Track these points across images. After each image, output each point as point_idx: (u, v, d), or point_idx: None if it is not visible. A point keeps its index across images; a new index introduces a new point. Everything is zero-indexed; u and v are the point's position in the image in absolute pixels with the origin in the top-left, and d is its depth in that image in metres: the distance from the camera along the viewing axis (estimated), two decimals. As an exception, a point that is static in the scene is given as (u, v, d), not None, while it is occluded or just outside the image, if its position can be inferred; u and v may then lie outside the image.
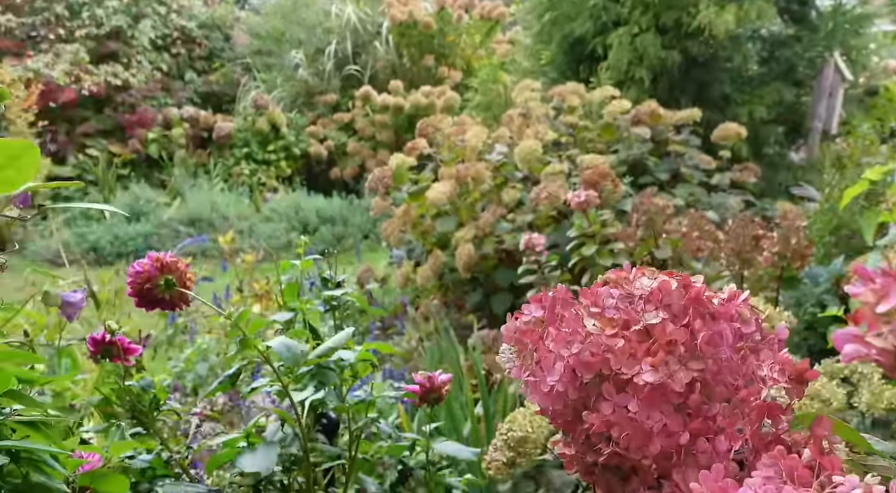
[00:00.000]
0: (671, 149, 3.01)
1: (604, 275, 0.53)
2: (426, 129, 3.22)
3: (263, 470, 0.78)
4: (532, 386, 0.48)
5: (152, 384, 0.94)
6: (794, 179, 3.67)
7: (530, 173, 2.82)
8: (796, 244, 1.73)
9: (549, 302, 0.51)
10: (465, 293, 2.90)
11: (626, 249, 2.01)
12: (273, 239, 5.75)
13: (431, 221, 2.82)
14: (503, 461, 1.06)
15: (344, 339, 0.84)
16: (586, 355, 0.44)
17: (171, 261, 0.76)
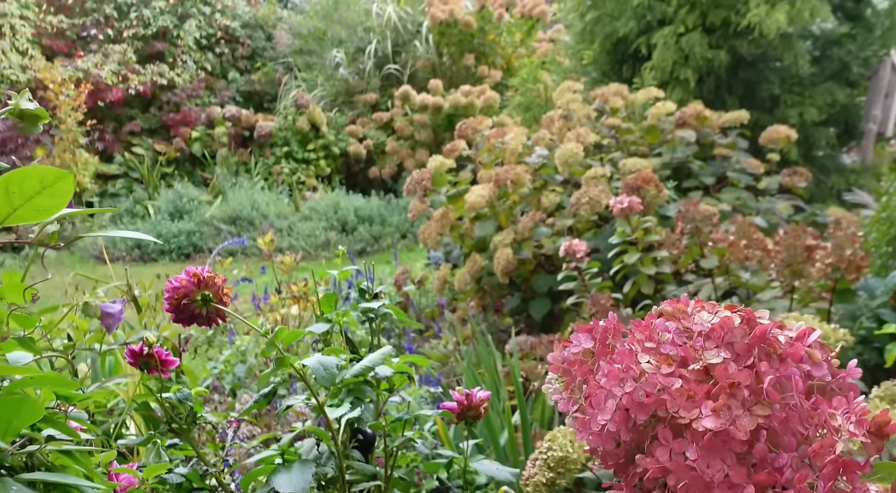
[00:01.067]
0: (717, 152, 2.93)
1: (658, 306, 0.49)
2: (465, 130, 3.19)
3: (299, 491, 0.76)
4: (581, 424, 0.45)
5: (190, 397, 0.93)
6: (846, 183, 3.55)
7: (571, 177, 2.77)
8: (851, 255, 1.65)
9: (601, 333, 0.48)
10: (503, 298, 2.86)
11: (669, 257, 1.96)
12: (312, 238, 5.79)
13: (470, 224, 2.79)
14: (543, 481, 1.03)
15: (381, 358, 0.82)
16: (640, 396, 0.41)
17: (208, 276, 0.75)
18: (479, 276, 2.69)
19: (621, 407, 0.42)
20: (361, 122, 7.25)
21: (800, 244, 1.60)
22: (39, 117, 0.51)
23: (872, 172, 3.65)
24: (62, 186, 0.40)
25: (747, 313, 0.43)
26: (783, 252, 1.62)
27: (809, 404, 0.39)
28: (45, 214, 0.42)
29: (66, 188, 0.41)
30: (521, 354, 2.42)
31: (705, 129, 2.90)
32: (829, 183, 3.60)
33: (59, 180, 0.40)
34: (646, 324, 0.46)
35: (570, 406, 0.49)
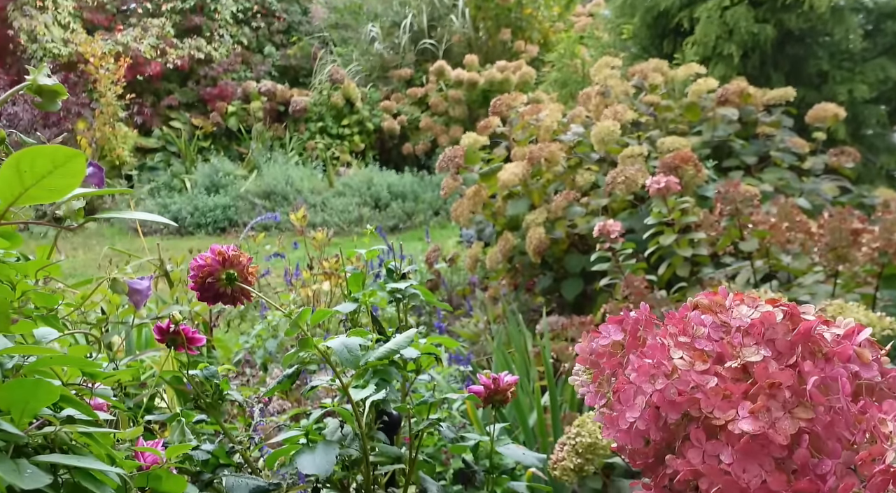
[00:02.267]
0: (760, 130, 2.84)
1: (693, 296, 0.47)
2: (500, 107, 3.14)
3: (322, 473, 0.75)
4: (608, 420, 0.42)
5: (216, 374, 0.93)
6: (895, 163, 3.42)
7: (607, 155, 2.71)
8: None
9: (631, 325, 0.46)
10: (535, 277, 2.83)
11: (707, 239, 1.91)
12: (345, 214, 5.81)
13: (502, 202, 2.76)
14: (571, 466, 1.01)
15: (406, 341, 0.80)
16: (672, 393, 0.39)
17: (233, 255, 0.73)
18: (510, 255, 2.67)
19: (651, 405, 0.40)
20: (396, 97, 7.21)
21: (845, 227, 1.54)
22: (58, 93, 0.50)
23: (923, 152, 3.51)
24: (74, 166, 0.39)
25: (790, 307, 0.40)
26: (827, 235, 1.56)
27: (857, 408, 0.36)
28: (58, 194, 0.41)
29: (79, 168, 0.39)
30: (552, 334, 2.39)
31: (748, 106, 2.82)
32: (878, 163, 3.48)
33: (71, 160, 0.38)
34: (680, 316, 0.44)
35: (598, 400, 0.46)
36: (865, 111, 3.63)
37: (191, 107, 7.94)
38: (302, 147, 7.05)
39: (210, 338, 1.79)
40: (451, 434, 0.87)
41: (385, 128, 6.95)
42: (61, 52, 7.10)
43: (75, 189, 0.41)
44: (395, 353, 0.79)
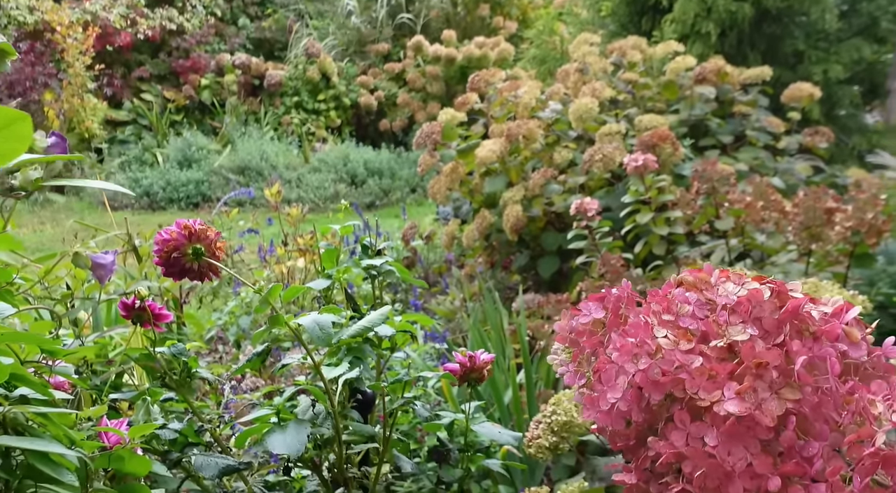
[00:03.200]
0: (736, 109, 2.84)
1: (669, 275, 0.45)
2: (478, 83, 3.11)
3: (293, 452, 0.74)
4: (588, 401, 0.41)
5: (184, 351, 0.90)
6: (868, 144, 3.45)
7: (584, 133, 2.70)
8: (873, 219, 1.60)
9: (613, 302, 0.44)
10: (512, 255, 2.83)
11: (683, 217, 1.91)
12: (321, 190, 5.75)
13: (480, 179, 2.74)
14: (546, 445, 1.00)
15: (380, 318, 0.78)
16: (656, 373, 0.37)
17: (200, 229, 0.71)
18: (487, 232, 2.65)
19: (634, 385, 0.38)
20: (373, 72, 7.12)
21: (819, 207, 1.55)
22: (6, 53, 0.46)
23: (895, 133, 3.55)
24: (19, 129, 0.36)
25: (778, 285, 0.39)
26: (802, 214, 1.56)
27: (846, 389, 0.35)
28: (3, 159, 0.38)
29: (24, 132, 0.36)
30: (528, 312, 2.39)
31: (725, 85, 2.81)
32: (850, 144, 3.51)
33: (16, 122, 0.35)
34: (663, 294, 0.42)
35: (577, 380, 0.45)
36: (839, 92, 3.65)
37: (162, 79, 7.76)
38: (277, 122, 6.95)
39: (180, 315, 1.76)
40: (426, 413, 0.86)
41: (362, 103, 6.87)
42: (27, 19, 6.89)
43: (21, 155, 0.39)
44: (369, 331, 0.78)
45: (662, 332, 0.38)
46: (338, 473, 0.85)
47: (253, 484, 0.93)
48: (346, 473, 0.86)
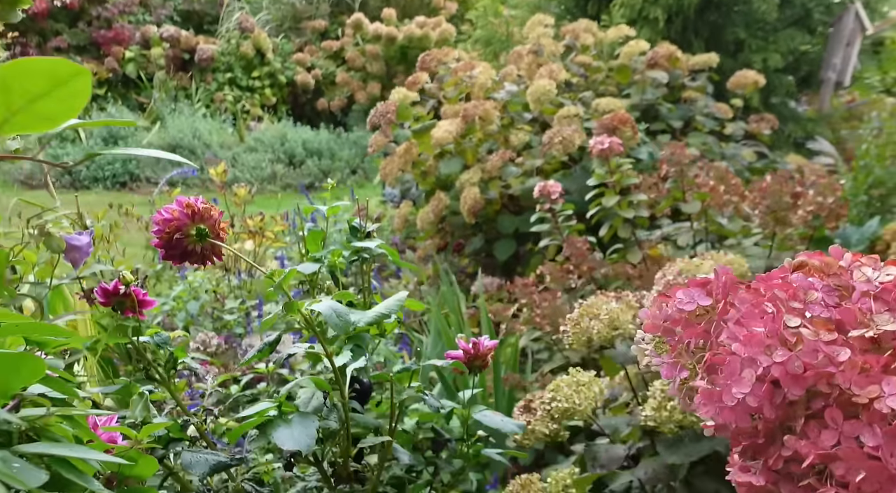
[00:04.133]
0: (686, 95, 2.89)
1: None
2: (429, 62, 3.05)
3: (304, 447, 0.69)
4: (706, 396, 0.38)
5: (168, 340, 0.83)
6: (803, 131, 3.58)
7: (539, 115, 2.69)
8: (832, 203, 1.64)
9: (721, 289, 0.41)
10: (465, 238, 2.80)
11: (646, 201, 1.92)
12: (257, 170, 5.58)
13: (434, 161, 2.69)
14: (546, 432, 0.98)
15: (397, 304, 0.74)
16: (796, 366, 0.34)
17: (203, 208, 0.64)
18: (442, 215, 2.61)
19: (767, 379, 0.36)
20: (309, 50, 6.93)
21: (786, 191, 1.58)
22: None
23: (828, 121, 3.69)
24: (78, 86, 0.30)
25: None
26: (769, 198, 1.59)
27: None
28: (51, 123, 0.32)
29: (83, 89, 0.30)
30: (487, 295, 2.37)
31: (676, 71, 2.85)
32: (786, 131, 3.63)
33: (75, 78, 0.29)
34: (783, 281, 0.39)
35: (678, 373, 0.42)
36: (776, 80, 3.77)
37: (82, 50, 7.34)
38: (209, 99, 6.68)
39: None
40: (436, 404, 0.82)
41: (298, 82, 6.68)
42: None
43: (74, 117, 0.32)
44: (387, 317, 0.73)
45: (795, 321, 0.36)
46: (341, 467, 0.80)
47: (241, 481, 0.88)
48: (349, 467, 0.82)
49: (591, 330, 1.04)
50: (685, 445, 0.97)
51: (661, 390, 0.94)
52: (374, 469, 0.87)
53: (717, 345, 0.40)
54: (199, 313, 2.25)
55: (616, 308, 1.04)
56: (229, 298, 2.35)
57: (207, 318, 2.24)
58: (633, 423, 1.05)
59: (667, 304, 0.44)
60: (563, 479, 1.09)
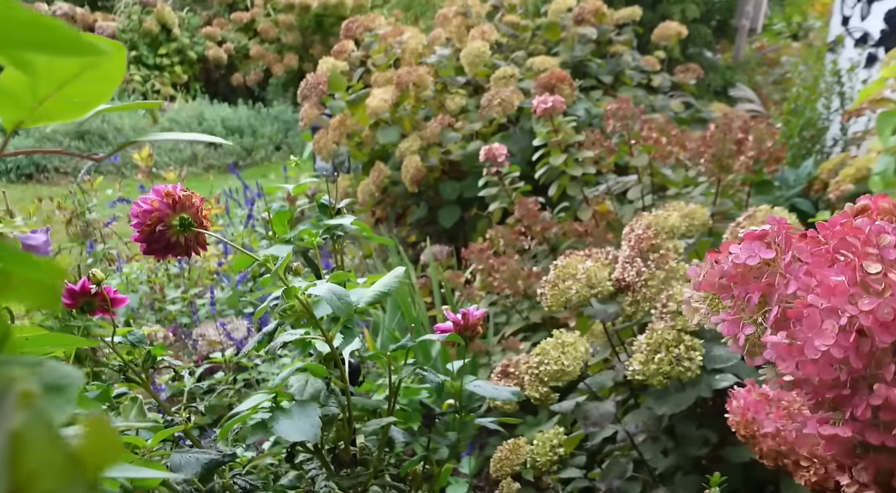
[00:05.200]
0: (613, 50, 2.90)
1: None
2: (355, 30, 2.96)
3: (311, 437, 0.65)
4: (785, 351, 0.37)
5: (143, 338, 0.78)
6: (722, 80, 3.68)
7: (473, 78, 2.66)
8: (771, 147, 1.69)
9: (784, 239, 0.40)
10: (408, 208, 2.76)
11: (591, 157, 1.93)
12: (176, 152, 5.34)
13: (370, 131, 2.63)
14: (536, 396, 0.98)
15: (395, 282, 0.71)
16: (886, 313, 0.34)
17: (184, 196, 0.59)
18: (384, 185, 2.57)
19: (853, 328, 0.35)
20: (219, 22, 6.63)
21: (730, 138, 1.61)
22: None
23: (744, 68, 3.80)
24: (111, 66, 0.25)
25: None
26: (714, 147, 1.62)
27: None
28: (83, 109, 0.27)
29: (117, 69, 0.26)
30: (436, 263, 2.35)
31: (603, 26, 2.86)
32: (706, 80, 3.72)
33: (108, 56, 0.25)
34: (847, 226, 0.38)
35: (741, 329, 0.41)
36: (694, 31, 3.85)
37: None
38: (115, 80, 6.32)
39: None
40: (437, 379, 0.80)
41: (210, 57, 6.40)
42: None
43: (105, 101, 0.28)
44: (388, 295, 0.70)
45: (876, 266, 0.35)
46: (343, 451, 0.78)
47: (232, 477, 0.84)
48: (350, 451, 0.79)
49: (570, 290, 1.03)
50: (672, 395, 0.98)
51: (646, 344, 0.95)
52: (372, 451, 0.85)
53: (785, 298, 0.39)
54: (139, 305, 2.14)
55: (592, 267, 1.04)
56: (169, 287, 2.25)
57: (148, 310, 2.14)
58: (617, 378, 1.06)
59: (718, 261, 0.43)
60: (550, 440, 1.09)
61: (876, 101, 1.59)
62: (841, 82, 2.13)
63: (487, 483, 1.67)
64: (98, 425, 0.12)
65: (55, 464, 0.10)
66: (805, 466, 0.68)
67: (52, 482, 0.10)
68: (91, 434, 0.12)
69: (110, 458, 0.12)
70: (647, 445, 1.09)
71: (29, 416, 0.10)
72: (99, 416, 0.12)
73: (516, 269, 1.71)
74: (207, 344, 1.82)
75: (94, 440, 0.12)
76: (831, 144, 2.03)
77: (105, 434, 0.12)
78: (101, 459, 0.12)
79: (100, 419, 0.12)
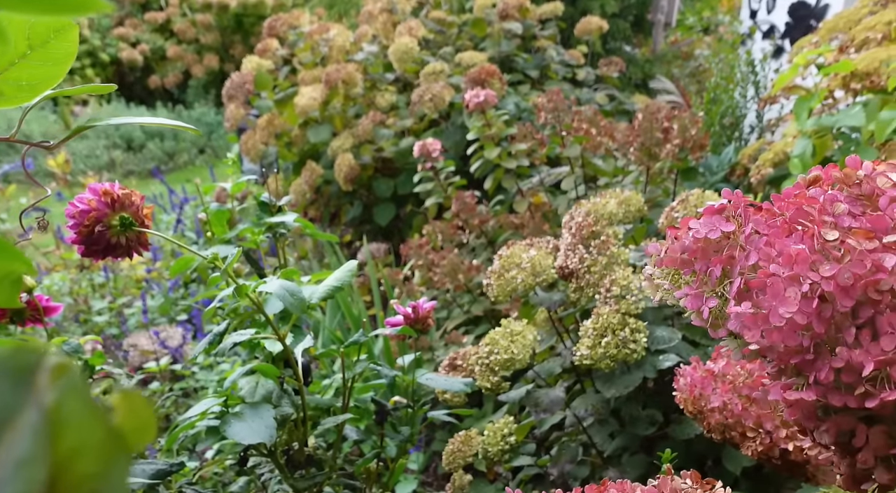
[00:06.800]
0: (538, 44, 2.95)
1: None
2: (279, 27, 2.90)
3: (267, 439, 0.64)
4: (751, 321, 0.38)
5: (80, 348, 0.74)
6: (642, 73, 3.78)
7: (402, 74, 2.65)
8: (695, 135, 1.75)
9: (743, 212, 0.41)
10: (342, 207, 2.73)
11: (524, 150, 1.95)
12: (93, 159, 5.12)
13: (300, 130, 2.59)
14: (488, 386, 0.98)
15: (348, 276, 0.69)
16: (846, 278, 0.35)
17: (123, 194, 0.56)
18: (317, 185, 2.53)
19: (815, 295, 0.36)
20: (132, 23, 6.39)
21: (657, 127, 1.66)
22: None
23: (661, 61, 3.92)
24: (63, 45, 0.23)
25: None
26: (641, 135, 1.66)
27: None
28: (31, 93, 0.24)
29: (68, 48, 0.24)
30: (375, 262, 2.33)
31: (527, 21, 2.90)
32: (627, 74, 3.82)
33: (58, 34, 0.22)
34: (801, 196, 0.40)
35: (705, 303, 0.42)
36: (613, 25, 3.95)
37: None
38: (22, 85, 6.01)
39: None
40: (391, 373, 0.79)
41: (124, 59, 6.16)
42: None
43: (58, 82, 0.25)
44: (339, 290, 0.68)
45: (834, 233, 0.36)
46: (297, 452, 0.76)
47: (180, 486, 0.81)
48: (304, 452, 0.77)
49: (515, 280, 1.04)
50: (619, 377, 1.00)
51: (592, 329, 0.97)
52: (326, 450, 0.83)
53: (747, 269, 0.40)
54: (63, 318, 2.04)
55: (536, 256, 1.05)
56: (94, 298, 2.16)
57: (73, 323, 2.04)
58: (565, 364, 1.07)
59: (678, 237, 0.43)
60: (501, 429, 1.10)
61: (789, 88, 1.67)
62: (755, 72, 2.23)
63: (436, 478, 1.67)
64: (133, 400, 0.11)
65: (96, 441, 0.09)
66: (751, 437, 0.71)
67: (94, 462, 0.09)
68: (127, 410, 0.11)
69: (147, 435, 0.11)
70: (595, 428, 1.11)
71: (64, 389, 0.09)
72: (133, 391, 0.11)
73: (456, 263, 1.71)
74: (140, 354, 1.75)
75: (131, 416, 0.11)
76: (749, 132, 2.12)
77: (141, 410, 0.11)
78: (139, 436, 0.11)
79: (134, 393, 0.11)
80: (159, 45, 6.24)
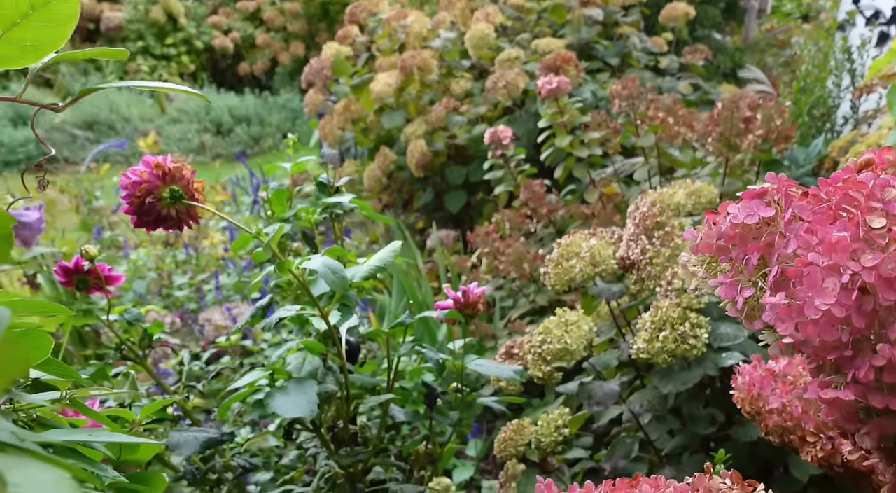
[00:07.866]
0: (620, 31, 2.87)
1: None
2: (359, 14, 2.94)
3: (307, 413, 0.65)
4: (785, 312, 0.36)
5: (141, 317, 0.77)
6: (731, 62, 3.63)
7: (478, 61, 2.63)
8: (780, 125, 1.66)
9: (784, 196, 0.39)
10: (415, 193, 2.75)
11: (598, 139, 1.90)
12: (184, 142, 5.35)
13: (375, 116, 2.61)
14: (539, 375, 0.96)
15: (392, 256, 0.70)
16: (890, 269, 0.32)
17: (174, 167, 0.58)
18: (389, 171, 2.55)
19: (855, 286, 0.33)
20: (224, 12, 6.62)
21: (738, 117, 1.59)
22: None
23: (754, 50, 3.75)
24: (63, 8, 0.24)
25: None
26: (721, 125, 1.59)
27: None
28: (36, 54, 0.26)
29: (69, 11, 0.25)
30: (443, 248, 2.34)
31: (609, 7, 2.83)
32: (715, 62, 3.67)
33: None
34: (845, 181, 0.37)
35: (739, 292, 0.39)
36: (702, 12, 3.80)
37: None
38: (123, 70, 6.33)
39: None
40: (436, 356, 0.79)
41: (217, 46, 6.39)
42: None
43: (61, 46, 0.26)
44: (382, 270, 0.69)
45: (881, 221, 0.33)
46: (342, 430, 0.77)
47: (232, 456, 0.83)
48: (350, 429, 0.78)
49: (574, 269, 1.02)
50: (677, 373, 0.97)
51: (650, 322, 0.94)
52: (371, 430, 0.84)
53: (785, 258, 0.37)
54: (147, 292, 2.14)
55: (596, 245, 1.03)
56: (176, 274, 2.26)
57: (156, 297, 2.14)
58: (622, 358, 1.04)
59: (715, 222, 0.41)
60: (555, 420, 1.08)
61: (887, 76, 1.56)
62: (851, 59, 2.10)
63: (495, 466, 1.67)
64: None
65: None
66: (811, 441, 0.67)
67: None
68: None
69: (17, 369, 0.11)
70: (653, 425, 1.08)
71: None
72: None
73: (522, 251, 1.70)
74: (214, 329, 1.82)
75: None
76: (842, 123, 2.00)
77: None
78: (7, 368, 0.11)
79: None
80: (249, 33, 6.44)
